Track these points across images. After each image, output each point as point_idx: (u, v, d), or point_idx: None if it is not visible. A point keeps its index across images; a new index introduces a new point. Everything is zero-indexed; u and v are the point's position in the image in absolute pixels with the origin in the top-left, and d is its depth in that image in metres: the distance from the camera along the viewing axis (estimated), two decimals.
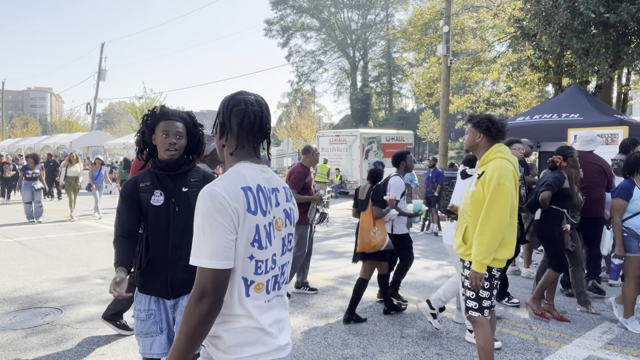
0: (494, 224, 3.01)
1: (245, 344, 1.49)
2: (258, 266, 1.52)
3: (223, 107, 1.60)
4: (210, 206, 1.43)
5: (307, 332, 4.51)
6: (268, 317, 1.54)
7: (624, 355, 4.02)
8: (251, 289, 1.51)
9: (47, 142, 29.39)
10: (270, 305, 1.57)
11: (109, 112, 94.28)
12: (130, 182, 2.48)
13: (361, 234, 4.76)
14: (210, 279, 1.41)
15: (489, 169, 3.12)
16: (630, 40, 10.65)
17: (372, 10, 56.01)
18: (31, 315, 4.88)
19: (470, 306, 3.26)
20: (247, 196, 1.49)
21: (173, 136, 2.42)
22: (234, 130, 1.58)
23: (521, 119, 9.91)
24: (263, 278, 1.54)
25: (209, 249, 1.41)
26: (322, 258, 7.96)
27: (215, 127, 1.64)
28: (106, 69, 31.39)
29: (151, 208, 2.41)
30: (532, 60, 12.88)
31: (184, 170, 2.47)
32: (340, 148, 20.14)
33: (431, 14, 19.91)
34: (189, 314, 1.40)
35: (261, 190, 1.55)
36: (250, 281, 1.51)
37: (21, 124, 59.04)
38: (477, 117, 3.29)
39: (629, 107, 28.60)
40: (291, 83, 59.29)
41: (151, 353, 2.43)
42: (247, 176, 1.53)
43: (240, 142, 1.58)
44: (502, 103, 25.64)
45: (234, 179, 1.50)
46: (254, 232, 1.49)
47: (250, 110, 1.57)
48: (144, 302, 2.45)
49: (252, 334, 1.50)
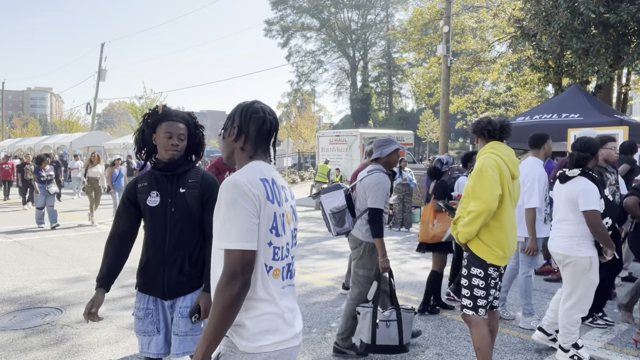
0: (479, 206, 3.08)
1: (267, 332, 1.57)
2: (275, 252, 1.63)
3: (241, 113, 1.74)
4: (234, 193, 1.54)
5: (307, 332, 4.51)
6: (285, 304, 1.64)
7: (624, 355, 4.02)
8: (270, 275, 1.61)
9: (47, 142, 29.35)
10: (285, 292, 1.67)
11: (109, 112, 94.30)
12: (131, 183, 2.51)
13: (421, 226, 5.03)
14: (240, 260, 1.49)
15: (477, 162, 3.25)
16: (630, 40, 10.65)
17: (372, 10, 55.98)
18: (31, 315, 4.88)
19: (465, 304, 3.27)
20: (265, 186, 1.62)
21: (176, 138, 2.42)
22: (252, 135, 1.72)
23: (521, 119, 9.90)
24: (279, 264, 1.64)
25: (235, 232, 1.51)
26: (322, 258, 7.96)
27: (230, 130, 1.75)
28: (106, 69, 31.39)
29: (148, 209, 2.43)
30: (532, 60, 12.89)
31: (182, 171, 2.47)
32: (340, 148, 20.13)
33: (431, 14, 19.91)
34: (220, 297, 1.47)
35: (275, 183, 1.68)
36: (269, 267, 1.61)
37: (21, 124, 59.02)
38: (474, 125, 3.41)
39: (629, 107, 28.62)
40: (291, 83, 59.29)
41: (148, 352, 2.46)
42: (264, 170, 1.67)
43: (257, 146, 1.74)
44: (502, 103, 25.65)
45: (253, 172, 1.63)
46: (272, 219, 1.61)
47: (268, 119, 1.74)
48: (142, 301, 2.47)
49: (273, 321, 1.58)
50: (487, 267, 3.19)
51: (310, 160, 32.36)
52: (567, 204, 3.73)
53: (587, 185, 3.62)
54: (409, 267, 7.27)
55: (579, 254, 3.67)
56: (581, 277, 3.67)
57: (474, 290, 3.21)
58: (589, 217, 3.58)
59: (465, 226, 3.18)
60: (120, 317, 4.89)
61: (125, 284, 6.12)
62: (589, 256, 3.66)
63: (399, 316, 3.77)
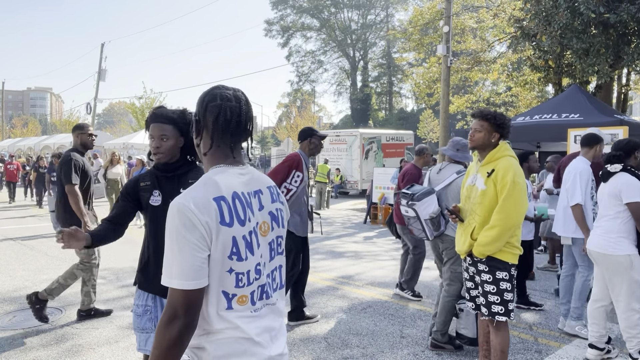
0: (506, 221, 2.95)
1: (231, 355, 1.38)
2: (239, 279, 1.41)
3: (199, 103, 1.50)
4: (178, 223, 1.33)
5: (307, 332, 4.51)
6: (256, 327, 1.44)
7: (624, 355, 4.02)
8: (234, 302, 1.41)
9: (47, 142, 29.35)
10: (259, 314, 1.46)
11: (109, 112, 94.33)
12: (132, 180, 2.55)
13: None
14: (181, 299, 1.31)
15: (500, 167, 3.04)
16: (630, 41, 10.65)
17: (372, 11, 55.95)
18: (31, 315, 4.87)
19: (496, 311, 3.10)
20: (220, 207, 1.37)
21: (157, 139, 2.42)
22: (209, 127, 1.47)
23: (521, 119, 9.90)
24: (246, 290, 1.43)
25: (177, 268, 1.32)
26: (322, 258, 7.96)
27: (191, 125, 1.55)
28: (106, 69, 31.33)
29: (150, 208, 2.46)
30: (532, 61, 12.88)
31: (182, 172, 2.48)
32: (340, 148, 20.13)
33: (431, 14, 19.90)
34: (159, 337, 1.30)
35: (238, 197, 1.43)
36: (231, 294, 1.41)
37: (21, 124, 59.02)
38: (498, 117, 3.11)
39: (629, 107, 28.60)
40: (291, 83, 59.23)
41: (145, 349, 2.48)
42: (222, 184, 1.41)
43: (215, 141, 1.48)
44: (502, 103, 25.66)
45: (206, 189, 1.39)
46: (231, 244, 1.38)
47: (226, 106, 1.46)
48: (141, 298, 2.50)
49: (239, 344, 1.40)
50: (510, 268, 3.09)
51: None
52: (609, 199, 3.65)
53: (629, 179, 3.56)
54: None
55: (617, 252, 3.56)
56: (623, 277, 3.57)
57: (504, 294, 3.08)
58: (634, 208, 3.48)
59: (489, 245, 3.02)
60: (121, 316, 4.89)
61: (125, 283, 6.12)
62: (628, 254, 3.55)
63: None
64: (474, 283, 3.30)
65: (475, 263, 3.19)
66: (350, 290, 5.96)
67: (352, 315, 5.00)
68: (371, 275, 6.79)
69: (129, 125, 30.54)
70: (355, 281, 6.44)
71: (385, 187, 11.98)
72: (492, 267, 3.10)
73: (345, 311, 5.14)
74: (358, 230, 11.05)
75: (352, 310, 5.19)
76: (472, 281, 3.31)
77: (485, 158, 3.16)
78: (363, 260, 7.75)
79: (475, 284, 3.29)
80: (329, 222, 12.33)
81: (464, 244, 3.24)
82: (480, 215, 3.11)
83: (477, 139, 3.14)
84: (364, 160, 19.36)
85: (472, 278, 3.30)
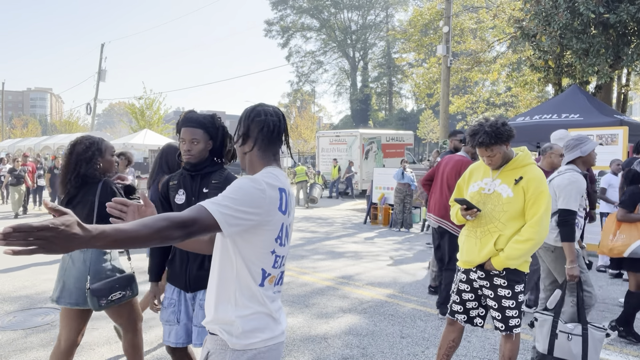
0: (542, 234, 2.83)
1: (257, 330, 1.62)
2: (276, 260, 1.67)
3: (245, 118, 1.77)
4: (248, 183, 1.55)
5: (307, 332, 4.51)
6: (275, 305, 1.70)
7: (624, 355, 4.02)
8: (266, 281, 1.65)
9: (47, 143, 29.34)
10: (275, 297, 1.72)
11: (109, 112, 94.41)
12: (165, 181, 2.70)
13: (602, 236, 4.42)
14: (205, 223, 1.42)
15: (531, 176, 2.90)
16: (630, 41, 10.66)
17: (372, 11, 56.00)
18: (31, 315, 4.88)
19: (513, 324, 2.96)
20: (281, 196, 1.64)
21: (189, 143, 2.53)
22: (258, 139, 1.75)
23: (521, 119, 9.91)
24: (277, 272, 1.69)
25: (223, 203, 1.48)
26: (322, 258, 7.96)
27: (238, 135, 1.79)
28: (106, 69, 31.38)
29: (175, 206, 2.60)
30: (532, 61, 12.89)
31: (207, 172, 2.58)
32: (340, 148, 20.13)
33: (431, 15, 19.92)
34: (161, 223, 1.32)
35: (288, 192, 1.71)
36: (267, 273, 1.65)
37: (21, 124, 59.02)
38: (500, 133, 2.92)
39: (629, 107, 28.62)
40: (291, 83, 59.31)
41: (168, 340, 2.61)
42: (281, 177, 1.69)
43: (265, 150, 1.76)
44: (502, 103, 25.67)
45: (272, 178, 1.64)
46: (279, 229, 1.64)
47: (269, 121, 1.74)
48: (169, 291, 2.65)
49: (262, 320, 1.64)
50: (525, 277, 2.99)
51: (311, 161, 32.35)
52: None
53: None
54: (409, 267, 7.27)
55: None
56: None
57: (521, 307, 2.97)
58: None
59: (519, 258, 2.87)
60: None
61: None
62: None
63: (585, 332, 3.32)
64: (474, 295, 3.13)
65: (491, 277, 3.00)
66: (350, 291, 5.96)
67: (352, 315, 5.00)
68: (371, 275, 6.79)
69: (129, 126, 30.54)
70: (355, 281, 6.44)
71: (385, 188, 11.98)
72: (511, 281, 2.96)
73: (345, 311, 5.14)
74: (358, 231, 11.06)
75: (352, 310, 5.19)
76: (473, 293, 3.12)
77: (509, 163, 3.01)
78: (363, 261, 7.76)
79: (476, 296, 3.13)
80: (329, 223, 12.33)
81: (480, 253, 3.00)
82: (504, 223, 2.92)
83: (497, 161, 3.01)
84: (364, 160, 19.36)
85: (474, 290, 3.12)
